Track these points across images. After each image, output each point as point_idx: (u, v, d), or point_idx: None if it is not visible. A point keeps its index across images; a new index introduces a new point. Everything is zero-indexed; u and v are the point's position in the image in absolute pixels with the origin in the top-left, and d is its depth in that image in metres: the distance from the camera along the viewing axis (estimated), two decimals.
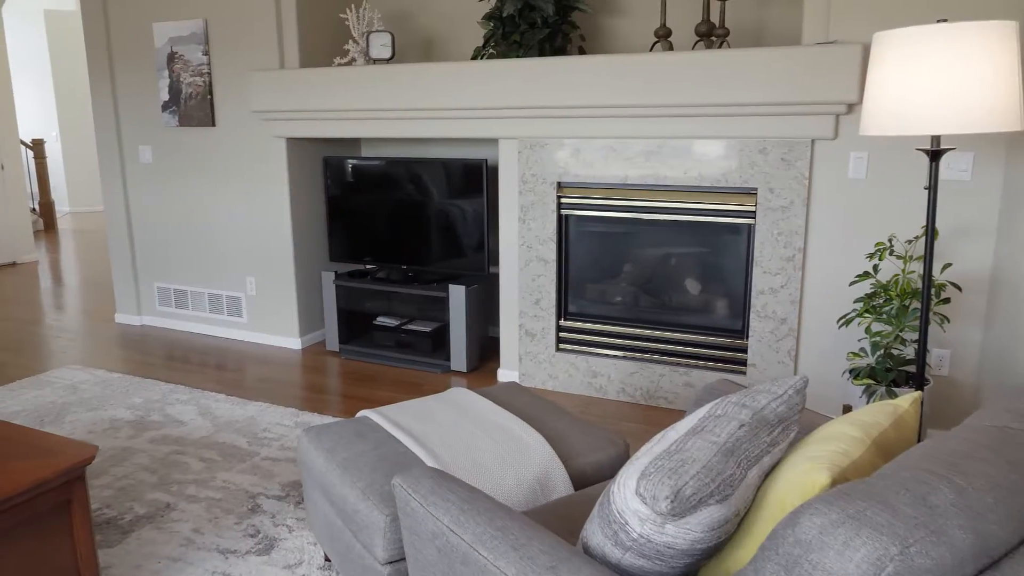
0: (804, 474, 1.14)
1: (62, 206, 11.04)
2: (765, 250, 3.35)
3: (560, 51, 3.87)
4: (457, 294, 4.08)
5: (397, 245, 4.37)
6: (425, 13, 4.57)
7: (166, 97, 4.73)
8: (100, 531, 2.59)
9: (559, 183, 3.72)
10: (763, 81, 3.13)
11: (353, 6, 4.26)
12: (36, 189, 9.89)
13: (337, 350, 4.54)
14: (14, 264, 7.48)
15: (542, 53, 3.81)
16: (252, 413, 3.63)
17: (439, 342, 4.34)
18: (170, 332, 5.06)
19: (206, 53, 4.52)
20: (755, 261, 3.38)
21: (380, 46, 4.13)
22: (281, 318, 4.71)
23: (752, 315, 3.43)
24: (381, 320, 4.54)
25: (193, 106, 4.65)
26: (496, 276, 4.66)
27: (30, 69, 10.60)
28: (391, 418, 2.30)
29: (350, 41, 4.21)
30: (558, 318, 3.87)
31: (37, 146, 9.26)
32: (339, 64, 4.19)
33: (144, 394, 3.88)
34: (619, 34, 4.06)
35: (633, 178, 3.54)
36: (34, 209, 9.68)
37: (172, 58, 4.64)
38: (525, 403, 2.50)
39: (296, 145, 4.52)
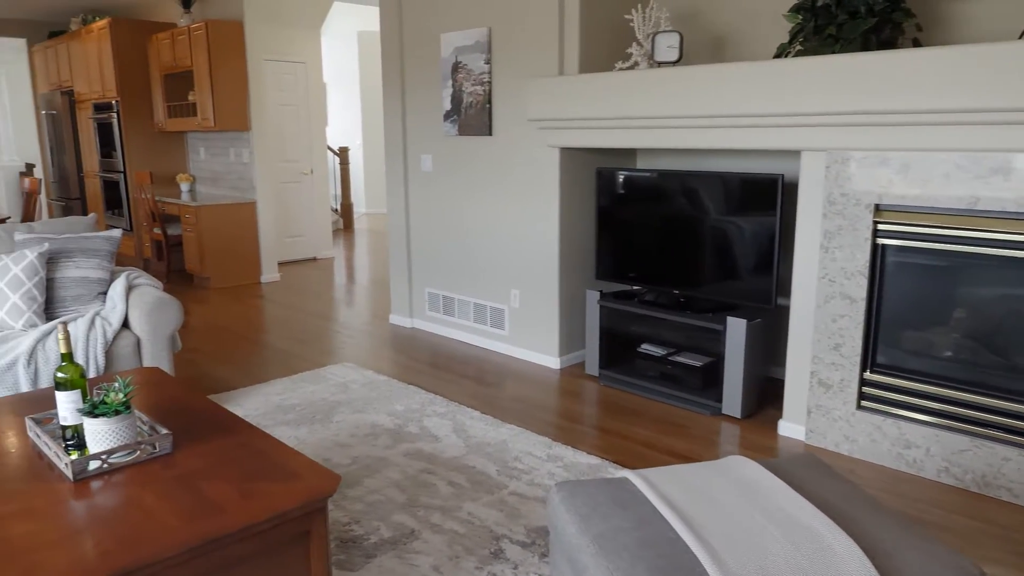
0: None
1: (359, 208, 12.16)
2: None
3: (888, 44, 3.18)
4: (736, 328, 3.55)
5: (669, 266, 3.94)
6: (716, 10, 4.09)
7: (448, 107, 4.77)
8: (345, 549, 2.52)
9: (877, 206, 3.05)
10: None
11: (640, 5, 3.91)
12: (339, 191, 10.97)
13: (596, 375, 4.23)
14: (315, 259, 8.26)
15: (865, 47, 3.15)
16: (505, 437, 3.43)
17: (710, 379, 3.83)
18: (436, 337, 5.13)
19: (488, 62, 4.46)
20: None
21: (667, 48, 3.74)
22: (542, 335, 4.52)
23: None
24: (646, 348, 4.14)
25: (472, 115, 4.63)
26: (784, 310, 4.03)
27: (342, 83, 11.81)
28: (659, 489, 1.90)
29: (633, 44, 3.87)
30: (863, 369, 3.18)
31: (343, 153, 10.25)
32: (620, 68, 3.87)
33: (405, 401, 3.88)
34: (970, 21, 3.25)
35: (985, 201, 2.76)
36: (335, 210, 10.73)
37: (456, 68, 4.66)
38: (829, 489, 1.95)
39: (569, 156, 4.29)
